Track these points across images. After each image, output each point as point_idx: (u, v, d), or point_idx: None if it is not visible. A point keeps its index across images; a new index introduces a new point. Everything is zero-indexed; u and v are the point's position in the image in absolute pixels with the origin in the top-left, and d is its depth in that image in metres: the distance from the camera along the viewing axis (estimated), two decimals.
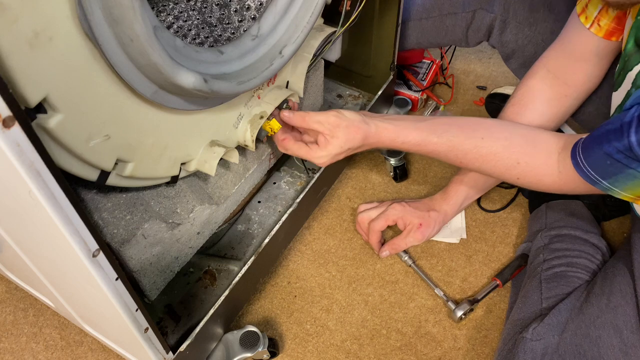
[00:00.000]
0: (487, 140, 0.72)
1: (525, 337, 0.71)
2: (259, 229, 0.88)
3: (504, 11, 0.93)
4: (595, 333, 0.68)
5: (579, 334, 0.68)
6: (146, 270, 0.70)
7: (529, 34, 0.92)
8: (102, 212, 0.66)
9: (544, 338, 0.70)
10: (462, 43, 1.04)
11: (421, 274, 0.91)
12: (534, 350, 0.70)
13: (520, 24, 0.93)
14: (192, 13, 0.75)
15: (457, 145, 0.73)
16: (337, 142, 0.72)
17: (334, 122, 0.71)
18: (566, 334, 0.69)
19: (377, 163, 1.09)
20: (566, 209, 0.91)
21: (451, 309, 0.86)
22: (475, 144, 0.72)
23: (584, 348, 0.67)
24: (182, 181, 0.74)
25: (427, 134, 0.74)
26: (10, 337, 0.87)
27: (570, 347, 0.68)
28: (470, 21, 0.99)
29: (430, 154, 0.76)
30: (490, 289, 0.87)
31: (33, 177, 0.39)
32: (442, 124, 0.75)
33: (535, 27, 0.91)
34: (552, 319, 0.71)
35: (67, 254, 0.47)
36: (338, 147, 0.72)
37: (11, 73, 0.41)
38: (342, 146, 0.72)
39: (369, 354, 0.83)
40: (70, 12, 0.44)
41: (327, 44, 0.85)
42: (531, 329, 0.71)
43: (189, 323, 0.77)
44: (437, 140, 0.74)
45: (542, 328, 0.71)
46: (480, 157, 0.73)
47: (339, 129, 0.71)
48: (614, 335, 0.67)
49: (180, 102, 0.59)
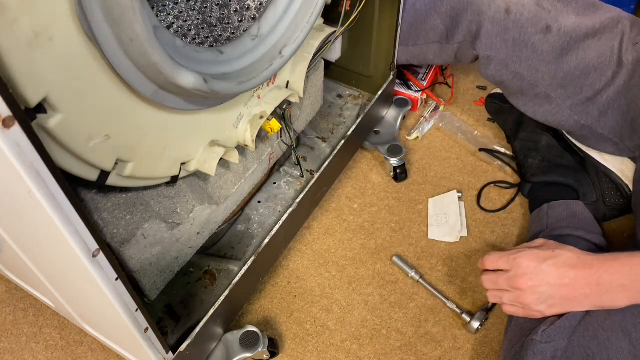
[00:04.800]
0: None
1: (535, 340, 0.70)
2: (259, 229, 0.88)
3: (486, 49, 0.93)
4: (604, 335, 0.67)
5: (587, 336, 0.68)
6: (146, 270, 0.70)
7: (513, 69, 0.92)
8: (102, 212, 0.66)
9: (554, 341, 0.69)
10: (454, 63, 1.04)
11: (431, 288, 0.89)
12: (543, 353, 0.69)
13: (504, 62, 0.92)
14: (192, 13, 0.75)
15: None
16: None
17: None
18: (575, 337, 0.68)
19: (377, 163, 1.09)
20: (567, 210, 0.91)
21: (466, 322, 0.84)
22: None
23: (592, 350, 0.66)
24: (182, 181, 0.74)
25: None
26: (10, 337, 0.87)
27: (579, 349, 0.67)
28: (456, 50, 0.99)
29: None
30: None
31: (33, 177, 0.39)
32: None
33: (520, 64, 0.91)
34: (565, 322, 0.70)
35: (67, 254, 0.47)
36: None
37: (11, 73, 0.41)
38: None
39: (369, 354, 0.83)
40: (70, 12, 0.44)
41: (327, 44, 0.85)
42: (540, 332, 0.70)
43: (189, 323, 0.77)
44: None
45: (552, 331, 0.70)
46: None
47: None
48: (623, 338, 0.66)
49: (180, 102, 0.59)
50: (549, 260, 0.69)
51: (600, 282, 0.66)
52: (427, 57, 1.04)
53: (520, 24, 0.88)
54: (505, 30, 0.89)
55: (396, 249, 0.96)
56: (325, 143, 1.01)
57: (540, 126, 1.02)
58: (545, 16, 0.87)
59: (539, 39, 0.87)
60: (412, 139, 1.13)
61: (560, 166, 0.97)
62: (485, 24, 0.91)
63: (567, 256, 0.69)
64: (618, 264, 0.66)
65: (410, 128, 1.15)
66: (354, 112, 1.07)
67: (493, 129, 1.15)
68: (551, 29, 0.86)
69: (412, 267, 0.92)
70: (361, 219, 1.00)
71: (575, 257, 0.69)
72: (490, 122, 1.16)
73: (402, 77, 1.17)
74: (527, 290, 0.70)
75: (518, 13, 0.88)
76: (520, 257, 0.71)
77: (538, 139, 1.02)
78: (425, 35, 1.00)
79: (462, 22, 0.94)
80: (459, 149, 1.11)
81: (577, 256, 0.69)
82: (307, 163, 0.98)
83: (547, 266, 0.69)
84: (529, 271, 0.70)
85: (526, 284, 0.70)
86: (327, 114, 1.06)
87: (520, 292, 0.71)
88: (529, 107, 0.95)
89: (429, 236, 0.97)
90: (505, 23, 0.89)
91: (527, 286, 0.70)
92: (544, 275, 0.69)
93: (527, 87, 0.92)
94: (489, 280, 0.75)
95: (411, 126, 1.16)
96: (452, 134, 1.14)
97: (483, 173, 1.07)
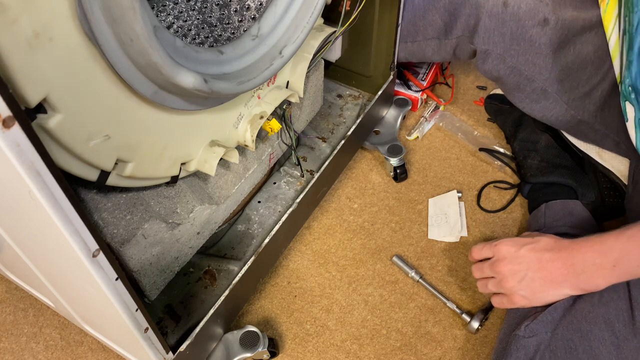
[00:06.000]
0: None
1: (518, 335, 0.71)
2: (259, 229, 0.88)
3: (483, 43, 0.93)
4: (587, 327, 0.68)
5: (570, 329, 0.69)
6: (146, 270, 0.70)
7: (510, 64, 0.92)
8: (102, 212, 0.66)
9: (536, 335, 0.70)
10: (452, 60, 1.04)
11: (431, 288, 0.89)
12: (526, 347, 0.70)
13: (501, 56, 0.93)
14: (192, 13, 0.75)
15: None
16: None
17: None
18: (558, 330, 0.70)
19: (377, 163, 1.09)
20: (565, 209, 0.91)
21: (466, 322, 0.85)
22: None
23: (575, 342, 0.67)
24: (182, 181, 0.74)
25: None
26: (10, 337, 0.87)
27: (562, 342, 0.68)
28: (455, 46, 0.99)
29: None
30: None
31: (33, 177, 0.39)
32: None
33: (517, 58, 0.91)
34: (547, 316, 0.71)
35: (67, 254, 0.47)
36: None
37: (11, 73, 0.41)
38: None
39: (369, 354, 0.83)
40: (70, 12, 0.44)
41: (327, 44, 0.85)
42: (524, 326, 0.71)
43: (189, 323, 0.77)
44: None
45: (535, 325, 0.71)
46: None
47: None
48: (606, 329, 0.67)
49: (180, 102, 0.59)
50: (527, 245, 0.73)
51: (574, 262, 0.69)
52: (425, 53, 1.04)
53: (517, 17, 0.88)
54: (503, 24, 0.90)
55: (396, 249, 0.96)
56: (325, 143, 1.01)
57: (539, 126, 1.02)
58: (543, 9, 0.87)
59: (536, 32, 0.87)
60: (412, 139, 1.14)
61: (559, 166, 0.97)
62: (483, 17, 0.91)
63: (545, 241, 0.73)
64: (589, 243, 0.69)
65: (410, 128, 1.15)
66: (354, 112, 1.07)
67: (493, 129, 1.15)
68: (549, 21, 0.86)
69: (412, 267, 0.92)
70: (361, 219, 1.00)
71: (552, 242, 0.72)
72: (490, 122, 1.16)
73: (402, 77, 1.17)
74: (507, 273, 0.73)
75: (515, 6, 0.88)
76: (500, 244, 0.76)
77: (537, 140, 1.02)
78: (423, 31, 1.00)
79: (460, 17, 0.94)
80: (459, 149, 1.11)
81: (554, 240, 0.72)
82: (307, 163, 0.98)
83: (525, 250, 0.72)
84: (509, 255, 0.74)
85: (506, 266, 0.73)
86: (327, 114, 1.06)
87: (501, 276, 0.74)
88: (526, 103, 0.95)
89: (429, 236, 0.97)
90: (503, 16, 0.89)
91: (507, 269, 0.73)
92: (522, 258, 0.72)
93: (524, 82, 0.92)
94: (477, 268, 0.80)
95: (411, 126, 1.16)
96: (452, 134, 1.14)
97: (483, 173, 1.07)
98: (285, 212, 0.85)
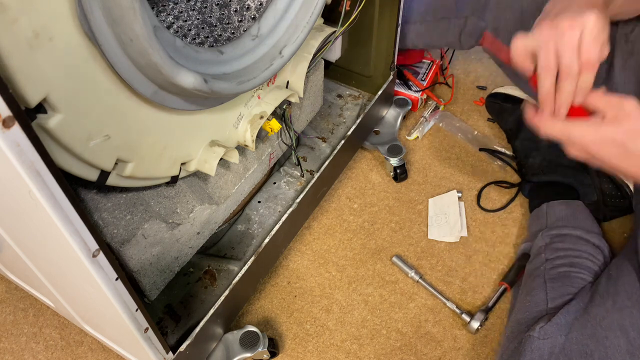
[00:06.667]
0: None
1: (533, 336, 0.71)
2: (259, 229, 0.88)
3: (494, 20, 0.93)
4: (602, 334, 0.68)
5: (585, 334, 0.68)
6: (146, 270, 0.70)
7: None
8: (102, 212, 0.66)
9: (551, 337, 0.70)
10: (456, 46, 1.04)
11: (431, 288, 0.89)
12: (540, 349, 0.70)
13: (511, 34, 0.92)
14: (192, 13, 0.75)
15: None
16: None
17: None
18: (572, 334, 0.69)
19: (377, 163, 1.09)
20: (566, 209, 0.91)
21: (466, 322, 0.85)
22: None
23: (590, 348, 0.67)
24: (182, 181, 0.74)
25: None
26: (10, 337, 0.87)
27: (577, 346, 0.68)
28: (463, 27, 0.99)
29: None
30: (499, 294, 0.87)
31: (33, 177, 0.39)
32: None
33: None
34: (560, 318, 0.71)
35: (67, 254, 0.47)
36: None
37: (11, 73, 0.41)
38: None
39: (369, 354, 0.83)
40: (70, 12, 0.44)
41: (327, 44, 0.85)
42: (538, 328, 0.71)
43: (189, 323, 0.77)
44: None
45: (549, 327, 0.71)
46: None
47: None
48: (621, 336, 0.67)
49: (180, 102, 0.59)
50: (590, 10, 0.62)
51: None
52: (432, 35, 1.04)
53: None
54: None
55: (396, 249, 0.96)
56: (325, 143, 1.01)
57: None
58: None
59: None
60: (412, 139, 1.13)
61: (560, 166, 0.96)
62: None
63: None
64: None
65: (410, 128, 1.15)
66: (354, 112, 1.07)
67: (493, 129, 1.15)
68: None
69: (412, 267, 0.92)
70: (361, 219, 1.00)
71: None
72: (490, 122, 1.16)
73: (402, 77, 1.17)
74: (567, 30, 0.63)
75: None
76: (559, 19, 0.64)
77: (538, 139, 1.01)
78: (434, 11, 1.01)
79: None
80: (459, 149, 1.11)
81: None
82: (307, 163, 0.98)
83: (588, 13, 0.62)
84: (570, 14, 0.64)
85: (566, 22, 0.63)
86: (327, 114, 1.06)
87: (560, 35, 0.63)
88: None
89: (429, 236, 0.97)
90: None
91: (568, 25, 0.63)
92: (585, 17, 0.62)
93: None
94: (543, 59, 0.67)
95: (411, 126, 1.16)
96: (452, 134, 1.14)
97: (483, 173, 1.07)
98: (285, 212, 0.85)
